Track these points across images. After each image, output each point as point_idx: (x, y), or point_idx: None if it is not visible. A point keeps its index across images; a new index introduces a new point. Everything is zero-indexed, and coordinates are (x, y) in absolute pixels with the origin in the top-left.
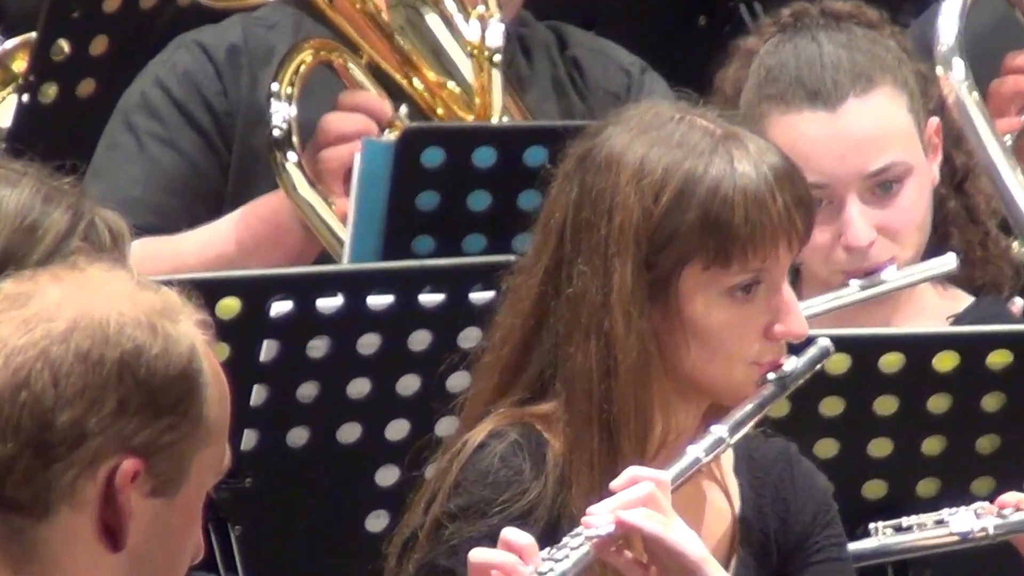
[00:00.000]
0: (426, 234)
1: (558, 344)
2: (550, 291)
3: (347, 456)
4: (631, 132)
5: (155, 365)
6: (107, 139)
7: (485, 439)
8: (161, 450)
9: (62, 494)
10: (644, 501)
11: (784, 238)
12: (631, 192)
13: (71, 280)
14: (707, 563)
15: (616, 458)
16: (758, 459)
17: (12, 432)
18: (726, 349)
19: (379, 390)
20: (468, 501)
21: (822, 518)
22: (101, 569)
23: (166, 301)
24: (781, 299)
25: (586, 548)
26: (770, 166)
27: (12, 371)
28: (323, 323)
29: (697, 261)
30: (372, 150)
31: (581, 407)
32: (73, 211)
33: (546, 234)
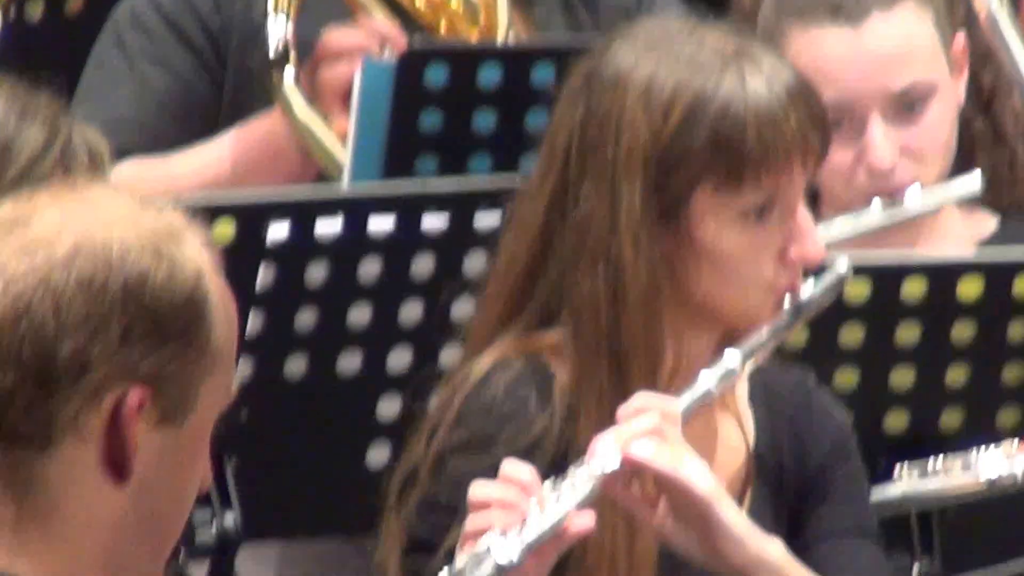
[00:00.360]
0: (429, 155)
1: (564, 271)
2: (555, 216)
3: (347, 387)
4: (639, 49)
5: (160, 291)
6: (96, 58)
7: (489, 370)
8: (167, 378)
9: (65, 425)
10: (651, 434)
11: (798, 158)
12: (639, 112)
13: (72, 203)
14: (718, 499)
15: (625, 390)
16: (774, 389)
17: (13, 363)
18: (740, 274)
19: (380, 318)
20: (471, 434)
21: (839, 452)
22: (106, 501)
23: (171, 223)
24: (796, 222)
25: (591, 484)
26: (783, 83)
27: (12, 299)
28: (322, 248)
29: (708, 183)
30: (373, 69)
31: (589, 337)
32: (49, 128)
33: (551, 157)
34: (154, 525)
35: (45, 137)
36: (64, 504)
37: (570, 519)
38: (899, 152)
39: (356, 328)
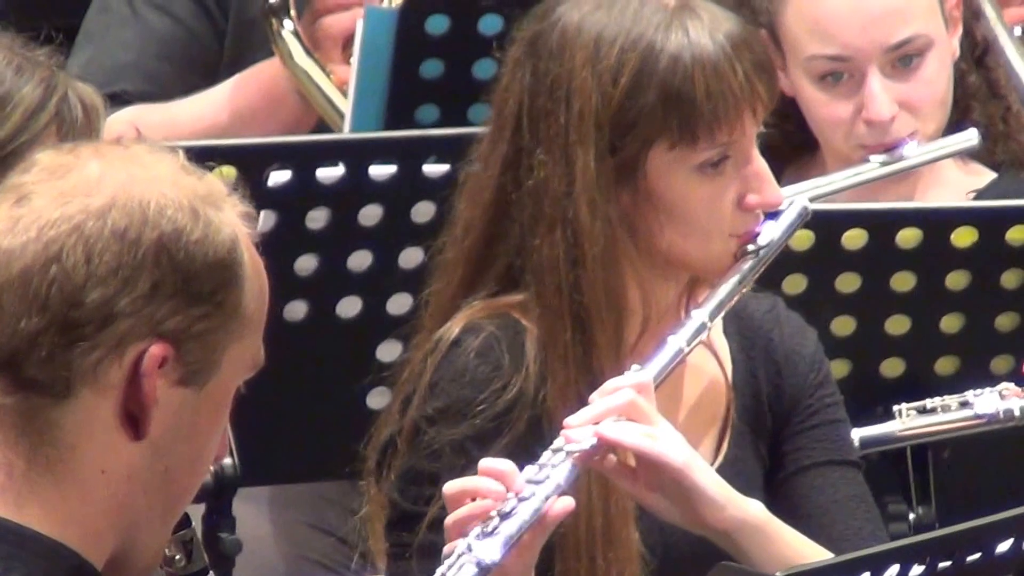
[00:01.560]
0: (430, 103)
1: (523, 235)
2: (510, 182)
3: (347, 331)
4: (582, 11)
5: (194, 250)
6: (99, 2)
7: (459, 335)
8: (192, 338)
9: (85, 375)
10: (624, 410)
11: (748, 108)
12: (588, 76)
13: (114, 156)
14: (691, 466)
15: (591, 350)
16: (745, 318)
17: (39, 307)
18: (701, 225)
19: (380, 263)
20: (447, 402)
21: (814, 378)
22: (119, 456)
23: (211, 187)
24: (752, 169)
25: (568, 464)
26: (726, 34)
27: (44, 244)
28: (323, 193)
29: (663, 141)
30: (374, 17)
31: (551, 300)
32: (46, 85)
33: (501, 123)
34: (166, 485)
35: (41, 93)
36: (78, 455)
37: (550, 505)
38: (897, 105)
39: (356, 272)
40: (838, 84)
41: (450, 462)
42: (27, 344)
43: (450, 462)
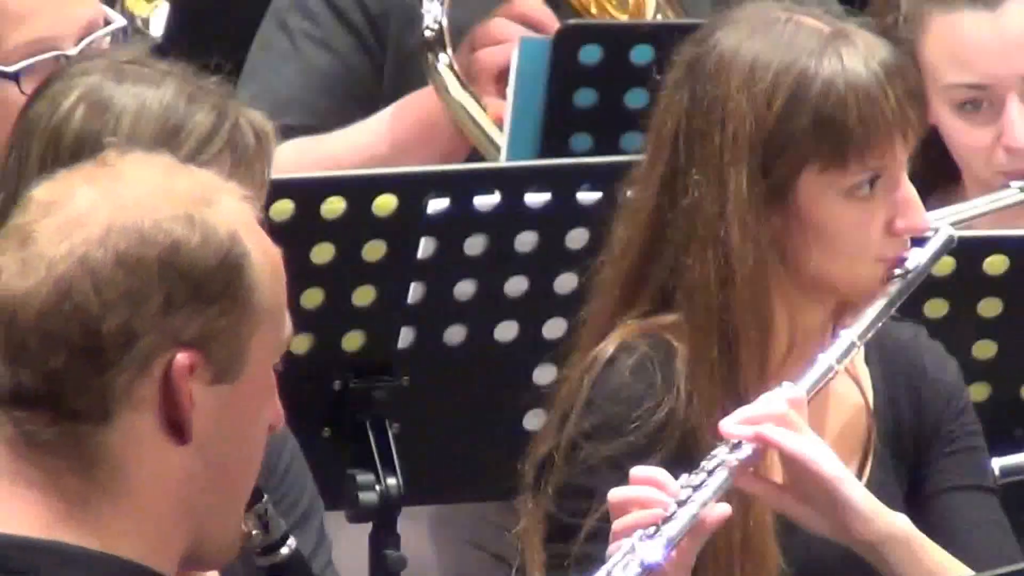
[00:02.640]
0: (583, 132)
1: (677, 255)
2: (666, 202)
3: (504, 354)
4: (739, 36)
5: (196, 256)
6: (261, 39)
7: (614, 353)
8: (215, 338)
9: (120, 397)
10: (778, 420)
11: (899, 133)
12: (743, 99)
13: (103, 179)
14: (843, 479)
15: (736, 369)
16: (888, 345)
17: (62, 344)
18: (849, 248)
19: (536, 288)
20: (602, 419)
21: (955, 405)
22: (171, 462)
23: (202, 185)
24: (901, 194)
25: (724, 474)
26: (880, 61)
27: (53, 282)
28: (480, 221)
29: (814, 164)
30: (529, 48)
31: (700, 318)
32: (218, 112)
33: (659, 144)
34: (223, 476)
35: (213, 120)
36: (130, 471)
37: (707, 511)
38: None
39: (513, 297)
40: (977, 112)
41: (605, 477)
42: (59, 379)
43: (605, 477)
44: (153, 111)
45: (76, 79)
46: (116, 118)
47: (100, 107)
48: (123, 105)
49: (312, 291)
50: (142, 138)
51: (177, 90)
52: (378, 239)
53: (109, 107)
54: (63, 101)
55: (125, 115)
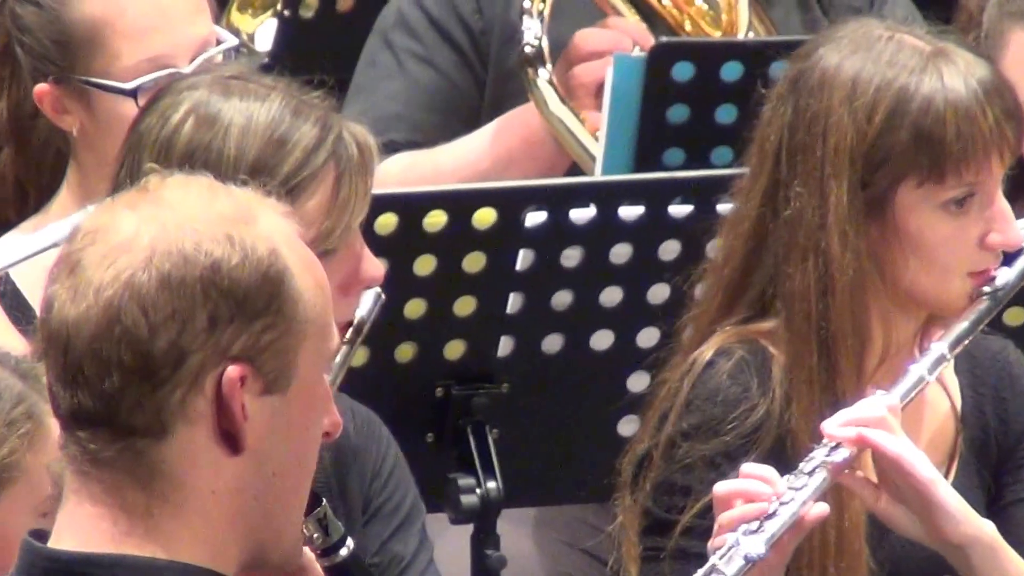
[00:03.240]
0: (676, 147)
1: (777, 264)
2: (768, 213)
3: (599, 362)
4: (842, 53)
5: (237, 274)
6: (367, 57)
7: (713, 357)
8: (263, 351)
9: (175, 412)
10: (878, 423)
11: (996, 151)
12: (844, 113)
13: (144, 205)
14: (936, 481)
15: (834, 375)
16: (977, 357)
17: (115, 367)
18: (943, 261)
19: (630, 298)
20: (700, 419)
21: None
22: (225, 473)
23: (240, 204)
24: (995, 209)
25: (823, 474)
26: (979, 80)
27: (102, 307)
28: (576, 233)
29: (912, 178)
30: (624, 65)
31: (800, 325)
32: (322, 125)
33: (762, 157)
34: (279, 484)
35: (318, 133)
36: (188, 482)
37: (807, 509)
38: None
39: (608, 307)
40: None
41: (702, 475)
42: (115, 399)
43: (702, 475)
44: (260, 124)
45: (184, 94)
46: (224, 131)
47: (208, 120)
48: (231, 118)
49: (415, 302)
50: (250, 151)
51: (283, 104)
52: (478, 251)
53: (217, 120)
54: (172, 115)
55: (233, 128)
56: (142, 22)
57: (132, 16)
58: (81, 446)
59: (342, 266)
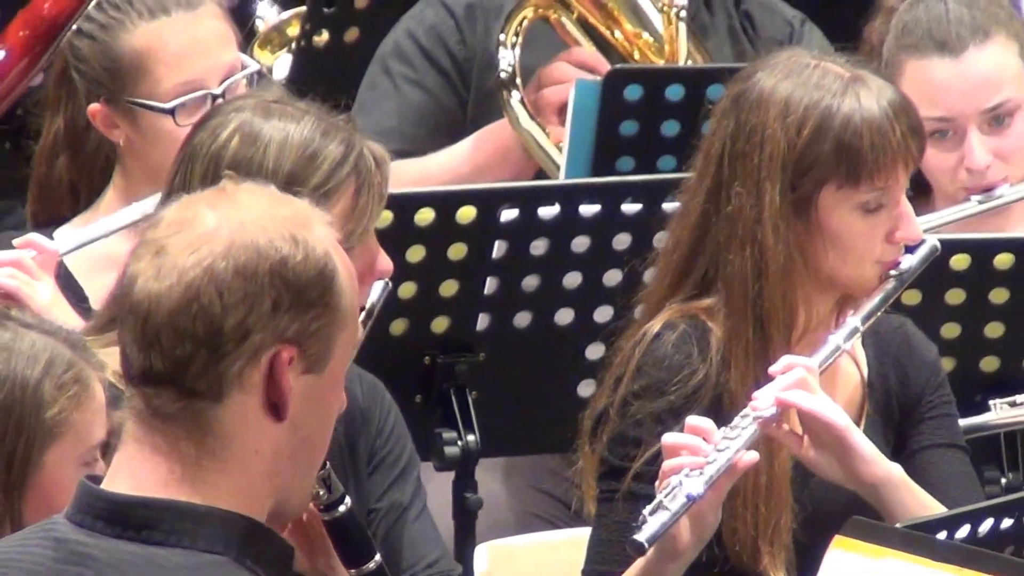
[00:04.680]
0: (627, 155)
1: (719, 252)
2: (712, 208)
3: (562, 335)
4: (776, 77)
5: (299, 270)
6: (368, 81)
7: (660, 329)
8: (310, 337)
9: (232, 381)
10: (799, 384)
11: (902, 161)
12: (778, 128)
13: (224, 204)
14: (851, 429)
15: (767, 345)
16: (881, 332)
17: (189, 337)
18: (857, 251)
19: (588, 282)
20: (649, 382)
21: (933, 380)
22: (268, 436)
23: (302, 213)
24: (900, 210)
25: (753, 427)
26: (889, 101)
27: (184, 287)
28: (543, 227)
29: (832, 183)
30: (584, 88)
31: (738, 303)
32: (346, 143)
33: (707, 161)
34: (306, 448)
35: (343, 150)
36: (236, 442)
37: (740, 457)
38: (992, 155)
39: (570, 289)
40: (944, 140)
41: (650, 429)
42: (184, 365)
43: (650, 429)
44: (295, 142)
45: (231, 115)
46: (264, 147)
47: (251, 138)
48: (270, 136)
49: (407, 284)
50: (285, 164)
51: (314, 125)
52: (460, 242)
53: (259, 138)
54: (221, 132)
55: (272, 145)
56: (180, 52)
57: (172, 47)
58: (147, 401)
59: (359, 261)
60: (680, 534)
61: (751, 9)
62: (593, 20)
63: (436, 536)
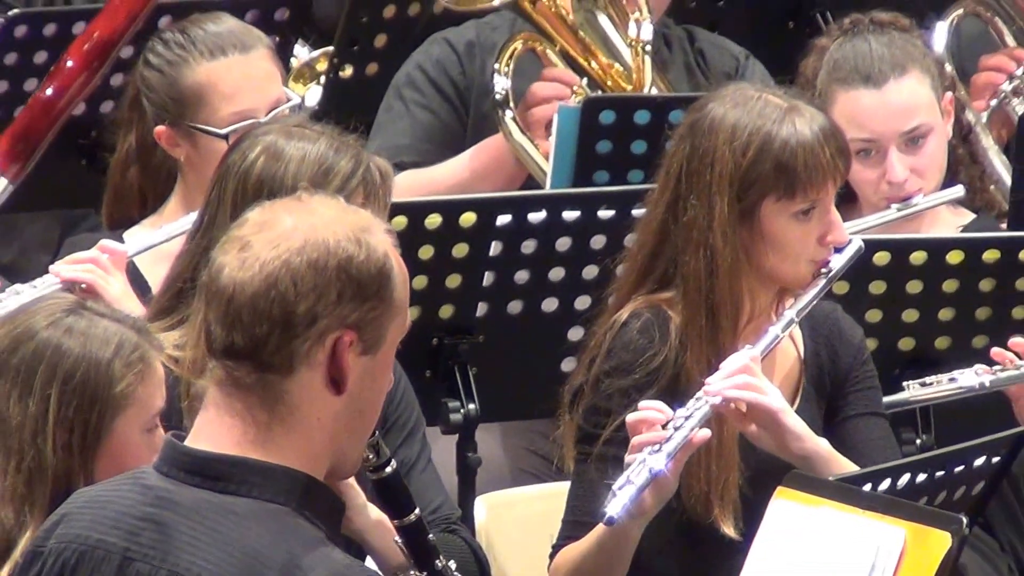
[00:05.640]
0: (603, 169)
1: (677, 253)
2: (671, 217)
3: (548, 320)
4: (725, 106)
5: (361, 267)
6: (384, 105)
7: (628, 318)
8: (368, 324)
9: (301, 358)
10: (743, 369)
11: (831, 177)
12: (726, 150)
13: (299, 210)
14: (784, 410)
15: (717, 331)
16: (815, 317)
17: (266, 318)
18: (794, 253)
19: (571, 276)
20: (618, 362)
21: (859, 358)
22: (328, 407)
23: (364, 219)
24: (829, 218)
25: (706, 408)
26: (820, 127)
27: (264, 276)
28: (533, 229)
29: (772, 196)
30: (565, 112)
31: (693, 296)
32: (355, 159)
33: (667, 178)
34: (360, 420)
35: (352, 165)
36: (302, 410)
37: (695, 434)
38: (909, 171)
39: (555, 282)
40: (869, 157)
41: (618, 402)
42: (261, 342)
43: (618, 402)
44: (311, 159)
45: (259, 137)
46: (286, 164)
47: (275, 156)
48: (290, 155)
49: (418, 278)
50: (303, 178)
51: (328, 144)
52: (463, 242)
53: (281, 156)
54: (250, 153)
55: (292, 162)
56: (234, 87)
57: (227, 83)
58: (228, 372)
59: None
60: (644, 499)
61: (704, 47)
62: (573, 52)
63: (440, 486)
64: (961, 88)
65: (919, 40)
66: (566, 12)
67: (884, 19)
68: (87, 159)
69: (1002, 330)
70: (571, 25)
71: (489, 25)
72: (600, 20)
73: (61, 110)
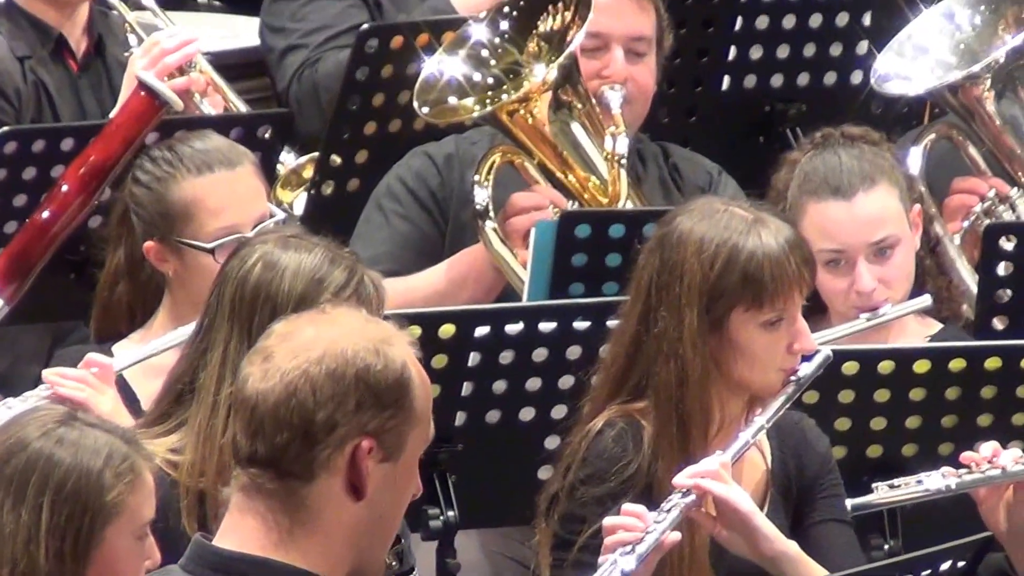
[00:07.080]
0: (578, 281)
1: (649, 364)
2: (642, 329)
3: (526, 429)
4: (693, 220)
5: (380, 376)
6: (364, 216)
7: (602, 427)
8: (387, 432)
9: (321, 465)
10: (714, 475)
11: (797, 288)
12: (695, 262)
13: (321, 321)
14: (754, 513)
15: (687, 441)
16: (782, 426)
17: (286, 427)
18: (762, 361)
19: (547, 386)
20: (592, 471)
21: (825, 467)
22: (348, 513)
23: (385, 331)
24: (797, 327)
25: (677, 511)
26: (786, 239)
27: (284, 385)
28: (509, 340)
29: (740, 306)
30: (543, 226)
31: (664, 406)
32: (349, 271)
33: (638, 290)
34: (380, 526)
35: (346, 276)
36: (322, 516)
37: (666, 536)
38: (877, 281)
39: (532, 392)
40: (838, 267)
41: (593, 510)
42: (282, 450)
43: (593, 510)
44: (306, 269)
45: (257, 247)
46: (281, 273)
47: (271, 265)
48: (286, 264)
49: None
50: (297, 287)
51: (323, 256)
52: (442, 353)
53: (277, 265)
54: (247, 260)
55: (287, 271)
56: (220, 203)
57: (214, 198)
58: (251, 479)
59: None
60: None
61: (678, 162)
62: (551, 165)
63: None
64: (931, 203)
65: (888, 153)
66: (542, 126)
67: (855, 133)
68: (75, 273)
69: (968, 437)
70: (548, 138)
71: (468, 140)
72: (575, 130)
73: (57, 233)
